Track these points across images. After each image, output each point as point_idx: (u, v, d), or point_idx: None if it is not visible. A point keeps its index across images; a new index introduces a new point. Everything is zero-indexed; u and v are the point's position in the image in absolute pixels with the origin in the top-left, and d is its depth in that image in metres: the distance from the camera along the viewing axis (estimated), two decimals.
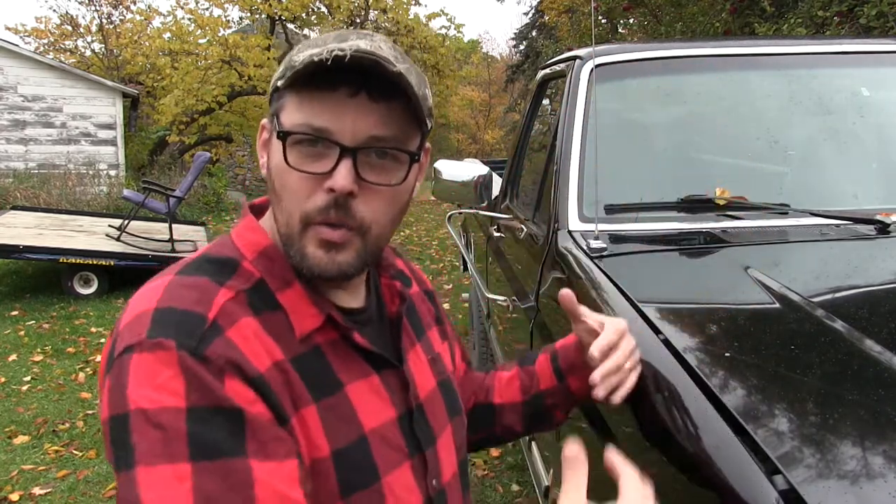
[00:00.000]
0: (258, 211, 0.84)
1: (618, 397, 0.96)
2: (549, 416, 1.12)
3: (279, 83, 0.74)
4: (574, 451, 0.66)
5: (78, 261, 6.19)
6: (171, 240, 6.83)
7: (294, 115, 0.73)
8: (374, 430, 0.78)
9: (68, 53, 18.39)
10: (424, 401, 0.86)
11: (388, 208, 0.76)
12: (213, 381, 0.64)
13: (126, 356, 0.64)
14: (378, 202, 0.75)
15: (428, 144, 0.81)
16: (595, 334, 0.97)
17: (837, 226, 1.71)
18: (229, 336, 0.68)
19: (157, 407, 0.61)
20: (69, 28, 18.24)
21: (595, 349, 0.94)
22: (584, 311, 1.00)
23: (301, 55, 0.72)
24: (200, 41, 12.41)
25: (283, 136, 0.72)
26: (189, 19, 12.29)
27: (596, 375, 0.94)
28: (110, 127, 11.89)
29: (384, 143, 0.73)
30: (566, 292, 0.98)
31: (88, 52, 18.24)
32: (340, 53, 0.67)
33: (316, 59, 0.68)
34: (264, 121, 0.80)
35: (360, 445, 0.76)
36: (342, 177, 0.71)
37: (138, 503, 0.59)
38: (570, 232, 1.82)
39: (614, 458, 0.73)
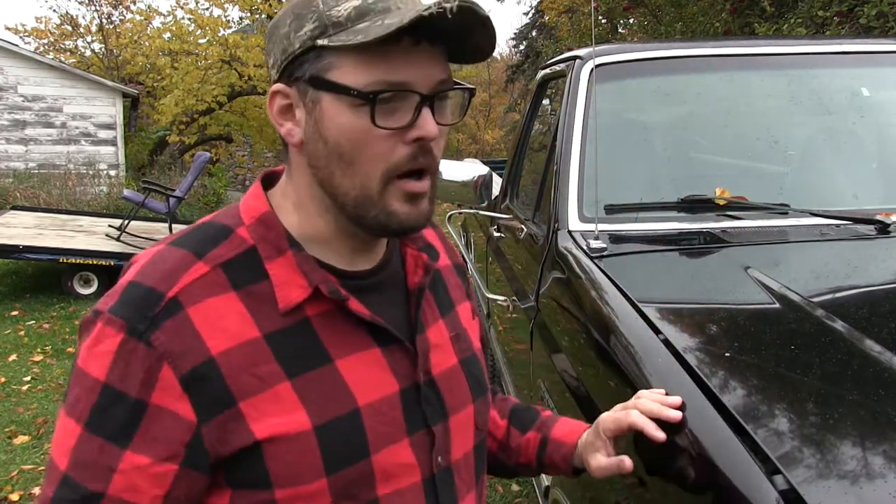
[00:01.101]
0: (270, 182, 0.82)
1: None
2: (509, 471, 1.09)
3: (324, 42, 0.69)
4: None
5: (78, 261, 6.19)
6: None
7: (360, 73, 0.69)
8: (370, 404, 0.76)
9: (68, 53, 18.39)
10: (439, 377, 0.83)
11: (443, 147, 0.77)
12: (137, 369, 0.68)
13: (92, 319, 0.72)
14: (441, 143, 0.76)
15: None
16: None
17: (837, 226, 1.71)
18: (189, 313, 0.70)
19: (87, 371, 0.69)
20: (69, 28, 18.23)
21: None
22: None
23: (342, 8, 0.69)
24: (200, 41, 12.40)
25: (372, 96, 0.69)
26: (189, 19, 12.28)
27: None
28: (110, 127, 11.89)
29: (447, 84, 0.74)
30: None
31: (88, 52, 18.24)
32: (445, 6, 0.65)
33: (425, 14, 0.65)
34: (279, 86, 0.74)
35: (350, 420, 0.74)
36: (431, 123, 0.71)
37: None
38: (570, 232, 1.82)
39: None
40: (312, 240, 0.78)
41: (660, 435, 0.89)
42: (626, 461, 0.88)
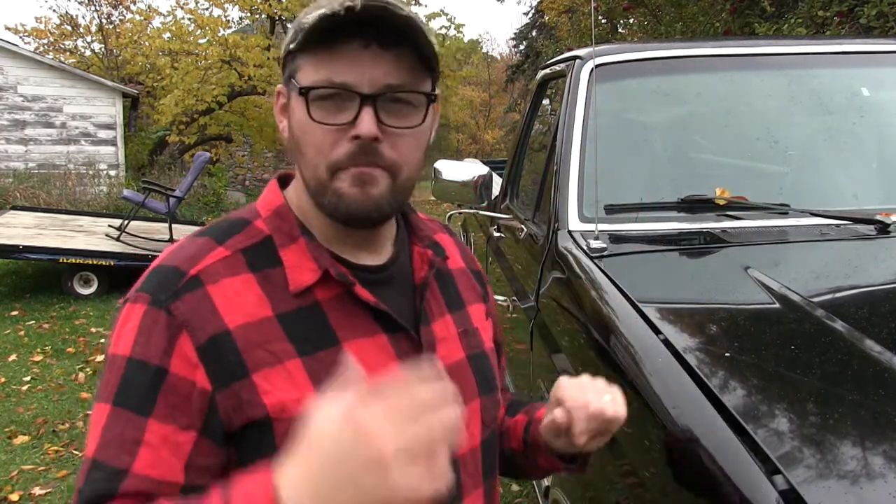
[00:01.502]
0: (287, 181, 0.88)
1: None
2: (506, 460, 1.04)
3: (291, 46, 0.77)
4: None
5: (78, 261, 6.19)
6: (171, 240, 6.81)
7: (311, 73, 0.76)
8: None
9: (68, 53, 18.39)
10: (444, 369, 0.84)
11: (411, 150, 0.79)
12: (159, 338, 0.72)
13: (121, 306, 0.77)
14: (402, 145, 0.78)
15: (438, 90, 0.84)
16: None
17: (837, 226, 1.71)
18: (209, 290, 0.75)
19: (115, 353, 0.74)
20: (69, 28, 18.24)
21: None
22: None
23: (310, 16, 0.74)
24: (200, 41, 12.40)
25: (305, 91, 0.75)
26: (189, 19, 12.29)
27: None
28: (110, 127, 11.89)
29: (400, 88, 0.76)
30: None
31: (88, 52, 18.24)
32: (350, 4, 0.70)
33: (328, 11, 0.71)
34: (280, 87, 0.83)
35: None
36: (366, 123, 0.74)
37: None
38: (570, 232, 1.82)
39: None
40: (319, 235, 0.82)
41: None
42: (558, 413, 0.84)
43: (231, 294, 0.75)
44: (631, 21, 10.17)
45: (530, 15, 20.10)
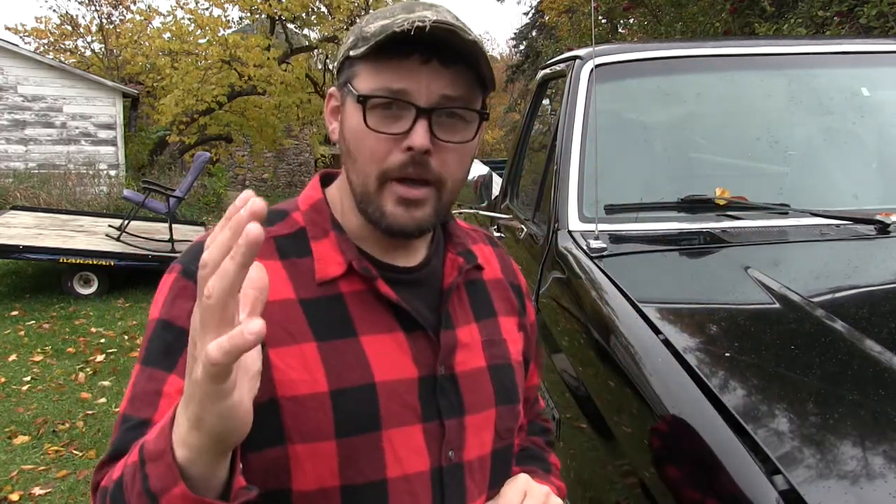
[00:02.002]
0: (330, 180, 0.91)
1: None
2: None
3: (352, 53, 0.79)
4: None
5: (78, 261, 6.19)
6: (171, 240, 6.82)
7: (370, 81, 0.78)
8: (386, 382, 0.79)
9: (68, 53, 18.39)
10: (462, 374, 0.86)
11: (458, 165, 0.81)
12: (185, 302, 0.76)
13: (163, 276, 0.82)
14: (451, 159, 0.80)
15: (489, 109, 0.86)
16: None
17: (837, 226, 1.71)
18: None
19: (150, 318, 0.80)
20: (69, 28, 18.24)
21: None
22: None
23: (373, 26, 0.77)
24: (200, 41, 12.40)
25: (363, 99, 0.77)
26: (189, 19, 12.29)
27: None
28: (110, 127, 11.89)
29: (454, 103, 0.78)
30: None
31: (88, 52, 18.25)
32: (421, 24, 0.72)
33: (398, 29, 0.73)
34: (332, 90, 0.85)
35: (365, 392, 0.78)
36: (419, 136, 0.76)
37: None
38: (570, 232, 1.82)
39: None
40: (353, 233, 0.85)
41: None
42: None
43: None
44: (631, 21, 10.18)
45: (530, 15, 20.12)
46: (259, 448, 0.75)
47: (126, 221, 6.99)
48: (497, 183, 3.08)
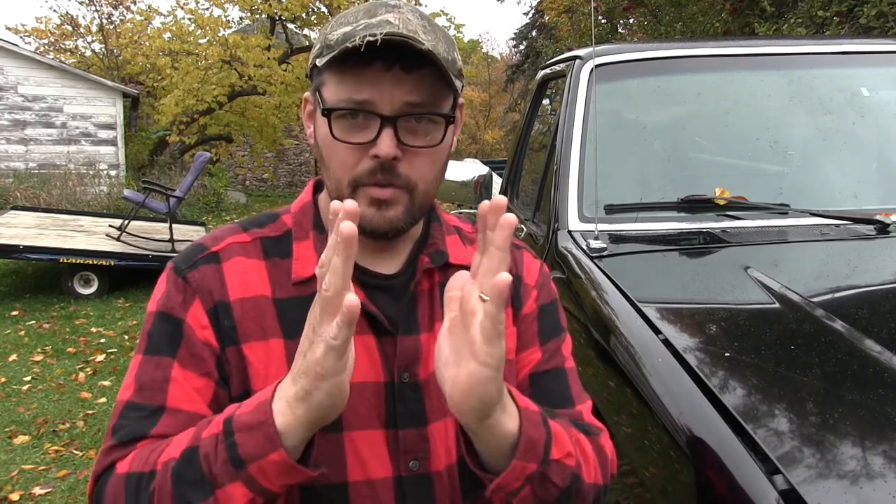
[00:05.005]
0: (322, 185, 0.92)
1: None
2: None
3: (317, 62, 0.80)
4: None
5: (78, 261, 6.19)
6: (171, 240, 6.82)
7: (335, 91, 0.79)
8: (352, 384, 0.75)
9: (68, 53, 18.38)
10: (426, 381, 0.83)
11: (429, 167, 0.82)
12: (177, 296, 0.82)
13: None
14: (420, 163, 0.80)
15: (461, 100, 0.86)
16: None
17: (837, 226, 1.71)
18: (223, 266, 0.84)
19: (148, 311, 0.84)
20: (69, 28, 18.22)
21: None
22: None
23: (335, 34, 0.78)
24: (200, 41, 12.40)
25: (327, 112, 0.79)
26: (189, 19, 12.29)
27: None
28: (110, 127, 11.89)
29: (419, 108, 0.78)
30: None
31: (88, 52, 18.22)
32: (371, 39, 0.73)
33: (350, 45, 0.74)
34: (307, 94, 0.87)
35: None
36: (385, 144, 0.77)
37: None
38: (570, 232, 1.82)
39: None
40: None
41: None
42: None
43: (240, 272, 0.84)
44: (631, 21, 10.18)
45: (530, 15, 20.09)
46: None
47: (126, 221, 6.99)
48: (497, 183, 3.08)
